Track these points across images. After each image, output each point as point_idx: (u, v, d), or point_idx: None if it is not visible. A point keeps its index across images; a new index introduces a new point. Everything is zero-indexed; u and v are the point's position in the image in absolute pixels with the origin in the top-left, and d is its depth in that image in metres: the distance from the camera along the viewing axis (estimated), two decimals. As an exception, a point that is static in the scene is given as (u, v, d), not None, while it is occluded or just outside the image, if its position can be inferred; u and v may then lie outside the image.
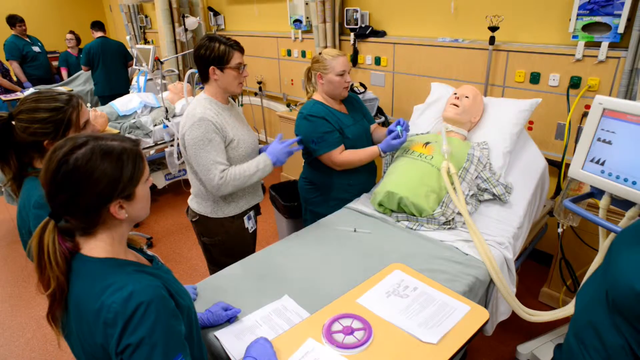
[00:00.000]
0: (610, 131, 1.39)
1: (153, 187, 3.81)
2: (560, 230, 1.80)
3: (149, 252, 1.04)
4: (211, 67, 1.62)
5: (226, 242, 1.80)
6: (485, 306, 1.65)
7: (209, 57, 1.60)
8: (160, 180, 3.76)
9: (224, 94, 1.70)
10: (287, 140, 1.75)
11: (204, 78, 1.67)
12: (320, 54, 1.95)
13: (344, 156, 1.94)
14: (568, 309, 1.54)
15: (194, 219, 1.81)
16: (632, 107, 1.32)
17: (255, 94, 4.45)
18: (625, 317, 0.70)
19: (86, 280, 0.81)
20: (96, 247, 0.84)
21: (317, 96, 2.01)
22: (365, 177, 2.11)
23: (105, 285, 0.79)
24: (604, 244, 1.51)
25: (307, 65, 2.07)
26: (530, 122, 2.50)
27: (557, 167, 2.37)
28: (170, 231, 3.40)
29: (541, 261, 2.73)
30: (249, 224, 1.84)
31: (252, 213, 1.87)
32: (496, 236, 1.70)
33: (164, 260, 3.01)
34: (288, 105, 3.88)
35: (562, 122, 2.36)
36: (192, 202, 1.80)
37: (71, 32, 5.37)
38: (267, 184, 3.73)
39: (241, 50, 1.66)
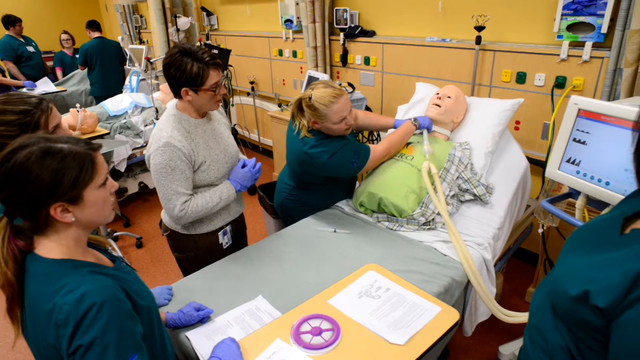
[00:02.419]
0: (585, 132, 1.39)
1: (144, 187, 3.83)
2: (541, 230, 1.79)
3: (114, 253, 1.04)
4: (183, 89, 1.45)
5: (198, 258, 1.70)
6: (464, 307, 1.65)
7: (181, 78, 1.42)
8: (151, 180, 3.76)
9: (197, 110, 1.56)
10: (249, 162, 1.66)
11: (176, 95, 1.50)
12: (310, 98, 1.66)
13: (382, 145, 1.81)
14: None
15: (165, 233, 1.72)
16: (606, 107, 1.31)
17: (248, 94, 4.46)
18: (562, 320, 0.70)
19: (40, 281, 0.81)
20: (51, 248, 0.84)
21: (318, 129, 1.76)
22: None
23: (58, 287, 0.79)
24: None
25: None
26: (517, 122, 2.49)
27: (542, 167, 2.37)
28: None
29: (528, 261, 2.72)
30: (223, 240, 1.75)
31: (228, 228, 1.76)
32: (476, 237, 1.70)
33: (154, 259, 3.02)
34: (279, 105, 3.88)
35: (548, 122, 2.35)
36: (165, 216, 1.70)
37: (65, 32, 5.38)
38: (257, 183, 3.73)
39: (217, 66, 1.47)
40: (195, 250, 1.70)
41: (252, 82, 4.30)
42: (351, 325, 1.19)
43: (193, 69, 1.42)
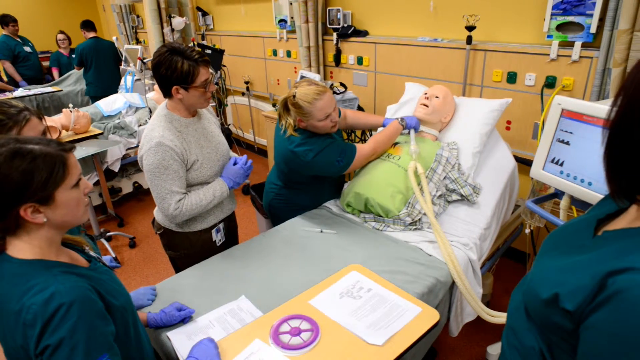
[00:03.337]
0: (569, 132, 1.39)
1: (139, 187, 3.83)
2: (527, 230, 1.79)
3: (91, 253, 1.04)
4: (174, 87, 1.47)
5: (192, 256, 1.70)
6: (449, 307, 1.65)
7: (171, 77, 1.45)
8: (145, 180, 3.76)
9: (188, 109, 1.58)
10: (240, 159, 1.67)
11: (166, 94, 1.52)
12: (294, 96, 1.68)
13: (369, 144, 1.81)
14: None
15: (159, 232, 1.73)
16: (587, 107, 1.31)
17: (243, 94, 4.46)
18: (535, 322, 0.70)
19: (10, 282, 0.81)
20: (22, 248, 0.84)
21: (304, 128, 1.77)
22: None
23: (28, 287, 0.79)
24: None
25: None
26: (508, 122, 2.49)
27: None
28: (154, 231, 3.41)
29: (520, 260, 2.72)
30: (217, 237, 1.76)
31: (221, 225, 1.77)
32: (462, 237, 1.70)
33: (147, 259, 3.02)
34: (274, 105, 3.88)
35: (538, 122, 2.35)
36: (158, 214, 1.71)
37: (62, 32, 5.38)
38: (251, 183, 3.73)
39: (206, 63, 1.50)
40: (189, 248, 1.71)
41: (247, 82, 4.31)
42: (331, 326, 1.19)
43: (184, 67, 1.44)
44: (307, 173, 1.83)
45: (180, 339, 1.24)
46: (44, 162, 0.82)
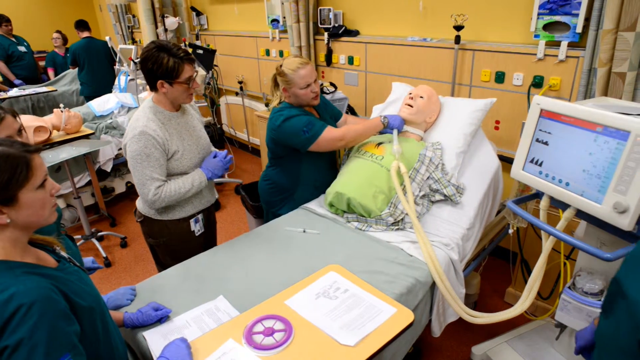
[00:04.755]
0: (547, 132, 1.38)
1: (132, 187, 3.83)
2: (511, 231, 1.79)
3: (62, 253, 1.04)
4: (159, 81, 1.56)
5: (171, 244, 1.79)
6: (431, 308, 1.65)
7: (157, 71, 1.53)
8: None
9: (172, 103, 1.66)
10: (220, 153, 1.77)
11: (152, 87, 1.61)
12: (281, 66, 1.86)
13: (340, 129, 1.88)
14: (507, 313, 1.54)
15: (139, 220, 1.80)
16: (565, 108, 1.31)
17: (237, 94, 4.46)
18: None
19: (-30, 283, 0.81)
20: None
21: (289, 100, 1.92)
22: (331, 178, 2.08)
23: (-12, 288, 0.79)
24: (545, 245, 1.50)
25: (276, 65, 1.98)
26: (497, 122, 2.48)
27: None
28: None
29: (508, 260, 2.71)
30: (195, 227, 1.81)
31: (200, 216, 1.83)
32: (443, 237, 1.69)
33: (138, 259, 3.03)
34: (267, 105, 3.88)
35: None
36: (139, 203, 1.80)
37: (57, 31, 5.39)
38: (245, 182, 3.73)
39: (191, 61, 1.59)
40: (167, 236, 1.78)
41: (240, 82, 4.31)
42: (304, 326, 1.19)
43: (169, 63, 1.53)
44: (278, 139, 1.90)
45: (155, 339, 1.24)
46: (6, 163, 0.82)
